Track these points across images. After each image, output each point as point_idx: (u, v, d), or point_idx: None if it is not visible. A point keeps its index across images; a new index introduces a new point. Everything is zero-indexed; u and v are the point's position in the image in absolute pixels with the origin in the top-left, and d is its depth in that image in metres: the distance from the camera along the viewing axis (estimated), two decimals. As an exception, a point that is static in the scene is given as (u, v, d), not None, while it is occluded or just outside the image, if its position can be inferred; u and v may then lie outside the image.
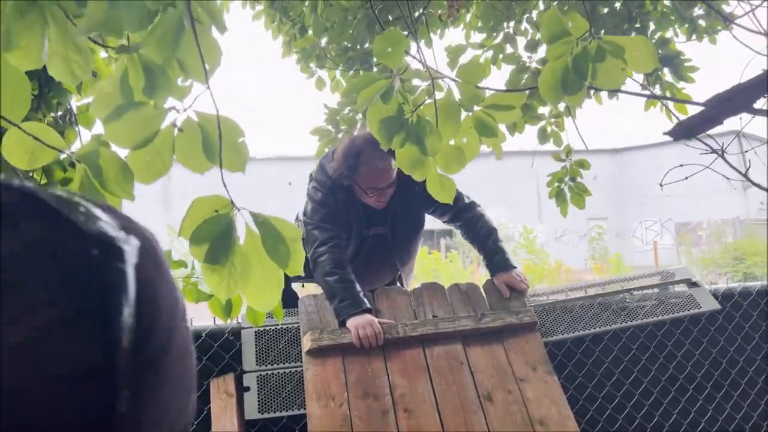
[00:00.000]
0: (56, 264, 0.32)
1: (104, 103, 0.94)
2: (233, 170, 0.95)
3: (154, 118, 0.93)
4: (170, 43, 0.91)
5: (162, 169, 0.95)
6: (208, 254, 0.93)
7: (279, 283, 0.97)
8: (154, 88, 0.93)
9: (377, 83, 1.32)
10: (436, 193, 1.41)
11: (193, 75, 0.94)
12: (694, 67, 3.17)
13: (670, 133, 1.32)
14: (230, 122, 0.94)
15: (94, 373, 0.31)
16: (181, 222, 0.92)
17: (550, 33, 1.14)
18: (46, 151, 0.92)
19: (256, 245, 0.94)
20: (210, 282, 0.94)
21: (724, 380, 3.21)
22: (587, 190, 3.06)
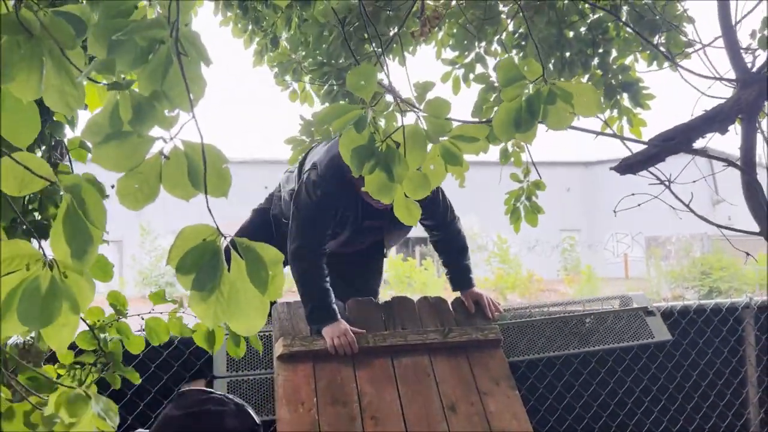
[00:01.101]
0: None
1: (95, 130, 0.99)
2: (217, 196, 0.99)
3: (140, 145, 0.97)
4: (159, 77, 0.96)
5: (149, 195, 0.98)
6: (195, 282, 0.95)
7: (264, 308, 0.99)
8: (141, 121, 0.99)
9: (350, 113, 1.40)
10: (402, 217, 1.50)
11: (179, 105, 1.00)
12: (652, 94, 3.32)
13: (616, 168, 1.43)
14: (214, 150, 0.98)
15: None
16: (169, 251, 0.95)
17: (506, 77, 1.24)
18: (35, 180, 0.96)
19: (242, 272, 0.97)
20: (197, 310, 0.97)
21: (678, 393, 3.35)
22: (541, 209, 3.19)
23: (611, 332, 3.07)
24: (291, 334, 2.65)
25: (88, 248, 0.96)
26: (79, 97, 1.00)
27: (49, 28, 0.95)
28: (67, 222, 0.95)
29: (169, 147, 0.99)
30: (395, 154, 1.40)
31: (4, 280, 0.96)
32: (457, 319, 2.87)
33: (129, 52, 0.96)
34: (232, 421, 1.88)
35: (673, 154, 1.38)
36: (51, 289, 0.96)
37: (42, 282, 0.95)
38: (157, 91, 0.97)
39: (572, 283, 17.90)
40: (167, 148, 0.99)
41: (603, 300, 3.28)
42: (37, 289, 0.95)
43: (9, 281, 0.96)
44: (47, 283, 0.95)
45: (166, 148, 0.99)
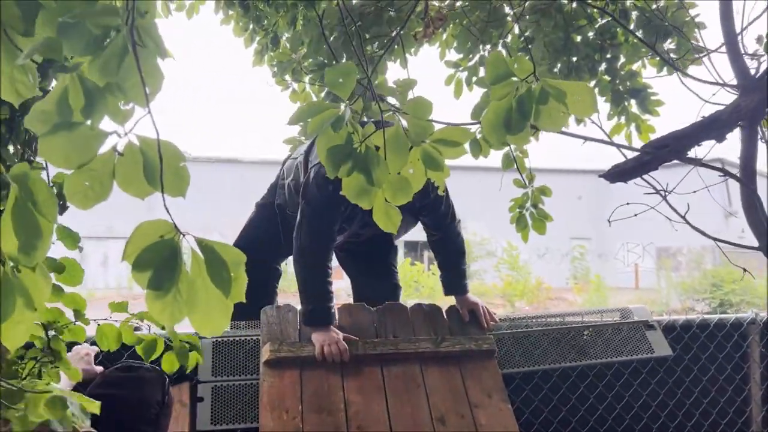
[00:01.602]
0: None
1: (41, 118, 0.93)
2: (174, 195, 0.94)
3: (91, 140, 0.92)
4: (114, 67, 0.91)
5: (101, 193, 0.93)
6: (152, 280, 0.91)
7: (227, 310, 0.95)
8: (92, 110, 0.93)
9: (327, 112, 1.34)
10: (382, 223, 1.43)
11: (134, 99, 0.94)
12: (660, 101, 3.23)
13: (605, 176, 1.36)
14: (171, 146, 0.93)
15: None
16: (125, 247, 0.90)
17: (495, 74, 1.16)
18: None
19: (202, 272, 0.93)
20: (153, 309, 0.92)
21: (678, 410, 3.26)
22: (549, 216, 3.09)
23: (610, 345, 2.99)
24: (279, 339, 2.59)
25: (37, 242, 0.91)
26: (30, 85, 0.95)
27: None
28: (16, 214, 0.90)
29: (123, 142, 0.94)
30: (374, 156, 1.33)
31: None
32: (451, 327, 2.79)
33: (81, 37, 0.91)
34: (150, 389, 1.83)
35: (665, 162, 1.30)
36: (4, 285, 0.92)
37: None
38: (110, 83, 0.92)
39: (581, 291, 17.74)
40: (121, 143, 0.94)
41: (603, 312, 3.20)
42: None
43: None
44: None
45: (119, 144, 0.94)
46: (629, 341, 3.00)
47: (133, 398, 1.81)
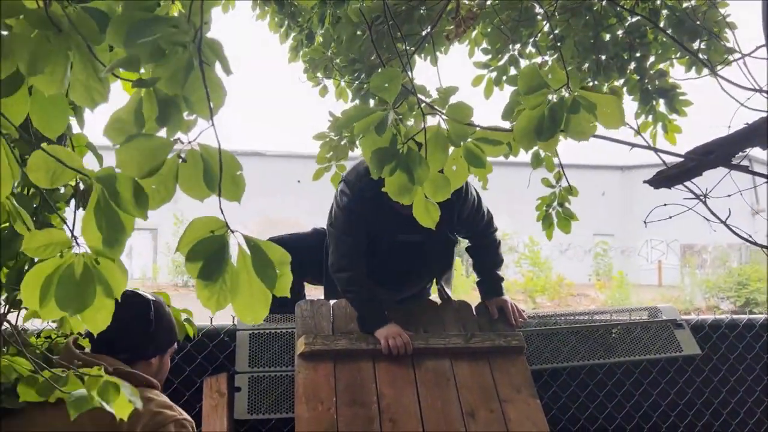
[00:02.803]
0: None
1: (117, 127, 1.01)
2: (230, 200, 1.02)
3: (162, 149, 0.99)
4: (180, 81, 0.97)
5: (166, 196, 1.01)
6: (202, 271, 0.99)
7: (266, 301, 1.04)
8: (166, 120, 1.00)
9: (372, 115, 1.39)
10: (421, 218, 1.48)
11: (198, 112, 1.01)
12: (688, 101, 3.24)
13: (650, 182, 1.39)
14: (229, 156, 1.01)
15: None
16: (179, 239, 0.99)
17: (529, 85, 1.21)
18: (66, 172, 1.00)
19: (247, 265, 1.01)
20: (201, 296, 1.01)
21: (706, 409, 3.27)
22: (574, 216, 3.11)
23: (638, 344, 3.01)
24: (313, 333, 2.65)
25: (120, 237, 1.00)
26: (103, 92, 1.02)
27: (77, 23, 0.97)
28: (99, 212, 0.99)
29: (185, 149, 1.01)
30: (417, 156, 1.39)
31: (40, 267, 1.01)
32: (481, 324, 2.83)
33: (146, 46, 0.97)
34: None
35: (711, 168, 1.33)
36: (85, 275, 1.01)
37: (76, 268, 1.01)
38: (177, 95, 0.98)
39: (603, 288, 17.63)
40: (184, 150, 1.01)
41: (631, 311, 3.22)
42: (72, 275, 1.00)
43: (44, 268, 1.01)
44: (81, 269, 1.01)
45: (182, 151, 1.01)
46: (657, 340, 3.02)
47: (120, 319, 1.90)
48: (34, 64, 0.95)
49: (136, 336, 1.87)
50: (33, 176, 1.00)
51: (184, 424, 1.70)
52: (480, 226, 2.93)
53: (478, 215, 2.90)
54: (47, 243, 1.01)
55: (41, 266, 1.01)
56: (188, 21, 0.96)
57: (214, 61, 0.99)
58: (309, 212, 23.20)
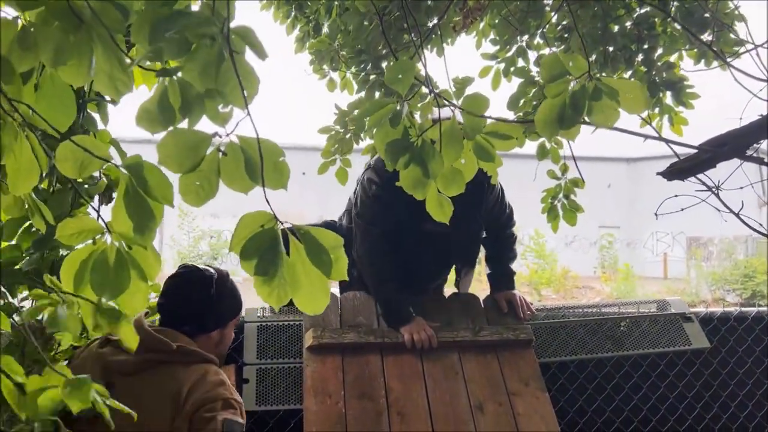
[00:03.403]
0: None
1: (147, 117, 1.02)
2: (275, 188, 1.02)
3: (201, 143, 0.99)
4: (212, 74, 0.97)
5: (210, 191, 1.01)
6: (258, 267, 1.00)
7: (326, 289, 1.05)
8: (189, 110, 1.00)
9: (385, 108, 1.39)
10: (435, 213, 1.48)
11: (233, 102, 1.00)
12: (696, 93, 3.21)
13: (663, 174, 1.38)
14: (269, 143, 1.00)
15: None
16: (231, 238, 1.00)
17: (551, 73, 1.20)
18: (94, 161, 1.01)
19: (301, 256, 1.02)
20: (261, 293, 1.02)
21: (714, 401, 3.26)
22: (580, 208, 3.10)
23: (647, 337, 3.00)
24: (321, 326, 2.65)
25: (149, 224, 1.01)
26: (127, 82, 1.02)
27: (100, 14, 0.97)
28: (128, 200, 1.00)
29: (224, 142, 1.01)
30: (431, 149, 1.38)
31: (76, 254, 1.03)
32: (489, 317, 2.83)
33: (172, 41, 0.97)
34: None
35: (725, 160, 1.32)
36: (118, 261, 1.03)
37: (109, 254, 1.03)
38: (211, 89, 0.98)
39: (609, 281, 17.61)
40: (222, 143, 1.01)
41: (639, 303, 3.20)
42: (106, 260, 1.03)
43: (79, 254, 1.03)
44: (114, 255, 1.03)
45: (221, 144, 1.01)
46: (666, 333, 3.01)
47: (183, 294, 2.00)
48: (58, 55, 0.95)
49: (198, 310, 1.97)
50: (61, 167, 1.01)
51: (231, 403, 1.78)
52: (502, 219, 2.92)
53: (501, 207, 2.89)
54: (79, 230, 1.03)
55: (77, 252, 1.03)
56: (213, 13, 0.95)
57: (243, 50, 0.99)
58: (313, 204, 23.24)
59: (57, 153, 1.00)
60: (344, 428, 2.36)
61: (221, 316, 2.03)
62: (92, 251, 1.02)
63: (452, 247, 2.86)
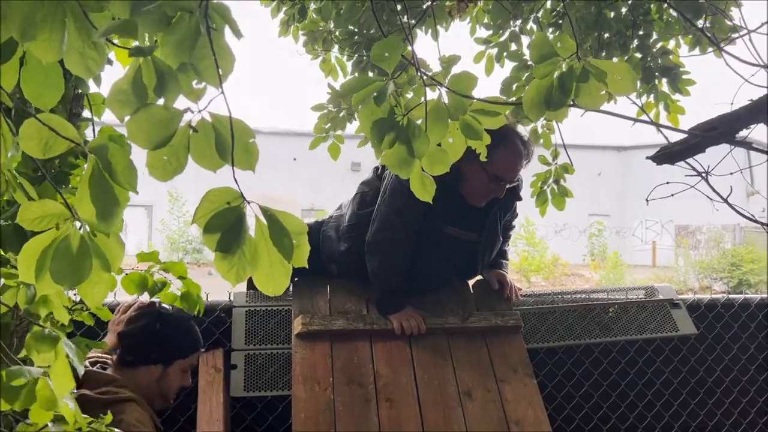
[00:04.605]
0: None
1: (119, 98, 0.99)
2: (244, 168, 1.00)
3: (171, 120, 0.97)
4: (187, 49, 0.94)
5: (177, 167, 0.99)
6: (220, 243, 0.99)
7: (287, 272, 1.03)
8: (164, 89, 0.97)
9: (371, 85, 1.36)
10: (418, 192, 1.46)
11: (207, 79, 0.98)
12: (692, 80, 3.19)
13: (653, 158, 1.36)
14: (241, 124, 0.98)
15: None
16: (195, 211, 0.99)
17: (539, 54, 1.17)
18: (60, 141, 0.97)
19: (265, 236, 1.01)
20: (221, 269, 1.00)
21: (700, 387, 3.28)
22: (569, 192, 3.08)
23: (634, 323, 3.01)
24: (310, 312, 2.63)
25: (113, 210, 0.98)
26: (99, 60, 0.99)
27: (71, -13, 0.93)
28: (93, 184, 0.96)
29: (196, 119, 0.99)
30: (416, 128, 1.35)
31: (37, 240, 0.98)
32: (478, 303, 2.82)
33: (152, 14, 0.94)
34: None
35: (715, 144, 1.30)
36: (81, 248, 0.99)
37: (72, 241, 0.98)
38: (185, 63, 0.96)
39: (598, 268, 17.72)
40: (194, 120, 0.99)
41: (628, 290, 3.21)
42: (68, 248, 0.98)
43: (41, 240, 0.99)
44: (77, 242, 0.98)
45: (193, 121, 0.99)
46: (654, 319, 3.01)
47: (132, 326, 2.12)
48: (27, 29, 0.91)
49: (140, 340, 2.08)
50: (25, 146, 0.97)
51: None
52: (513, 217, 2.92)
53: (516, 210, 2.88)
54: (42, 215, 0.99)
55: (38, 239, 0.99)
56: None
57: (222, 26, 0.96)
58: (305, 190, 23.21)
59: (21, 131, 0.97)
60: (332, 415, 2.34)
61: (164, 351, 2.13)
62: (55, 238, 0.98)
63: (476, 256, 2.76)
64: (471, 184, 2.54)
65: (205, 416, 2.45)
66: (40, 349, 1.13)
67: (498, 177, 2.50)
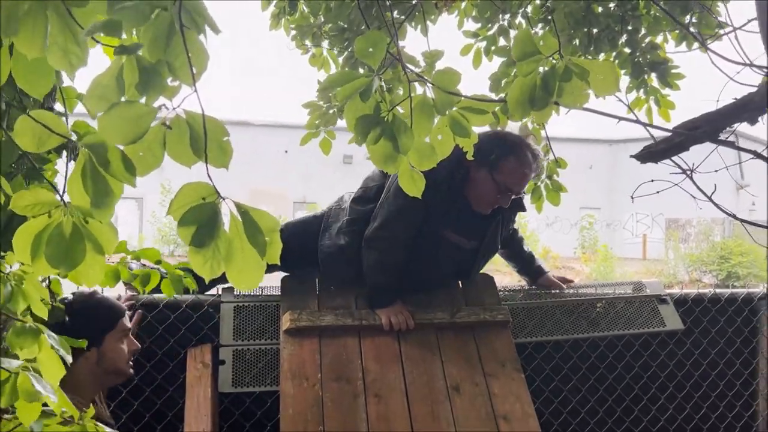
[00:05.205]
0: None
1: (98, 94, 1.01)
2: (217, 166, 1.02)
3: (145, 117, 0.98)
4: (162, 45, 0.96)
5: (153, 162, 1.01)
6: (194, 238, 1.01)
7: (260, 268, 1.05)
8: (147, 87, 0.99)
9: (356, 81, 1.36)
10: (407, 186, 1.46)
11: (181, 78, 1.00)
12: (681, 74, 3.20)
13: (637, 156, 1.37)
14: (215, 122, 1.00)
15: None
16: (170, 204, 1.01)
17: (522, 51, 1.17)
18: (52, 137, 0.99)
19: (239, 232, 1.03)
20: (194, 263, 1.02)
21: (686, 381, 3.30)
22: (563, 187, 3.10)
23: (622, 318, 3.03)
24: (299, 308, 2.63)
25: (107, 201, 1.01)
26: (81, 56, 1.00)
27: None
28: (85, 176, 0.99)
29: (170, 116, 1.01)
30: (401, 123, 1.35)
31: (30, 225, 1.02)
32: (467, 298, 2.82)
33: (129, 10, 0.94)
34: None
35: (698, 143, 1.31)
36: (74, 233, 1.02)
37: (65, 227, 1.02)
38: (160, 60, 0.97)
39: (588, 261, 17.79)
40: (169, 117, 1.01)
41: (616, 285, 3.22)
42: (62, 233, 1.02)
43: (34, 226, 1.02)
44: (70, 228, 1.02)
45: (168, 117, 1.01)
46: (641, 314, 3.03)
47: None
48: (9, 24, 0.92)
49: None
50: (20, 141, 1.00)
51: None
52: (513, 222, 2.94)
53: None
54: (34, 202, 1.02)
55: (30, 224, 1.02)
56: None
57: (202, 24, 0.96)
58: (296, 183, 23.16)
59: (16, 127, 0.99)
60: (321, 411, 2.35)
61: (86, 336, 2.09)
62: (47, 224, 1.01)
63: (474, 263, 2.78)
64: (478, 191, 2.56)
65: (192, 411, 2.45)
66: (23, 344, 1.13)
67: (506, 187, 2.52)
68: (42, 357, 1.10)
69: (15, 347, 1.11)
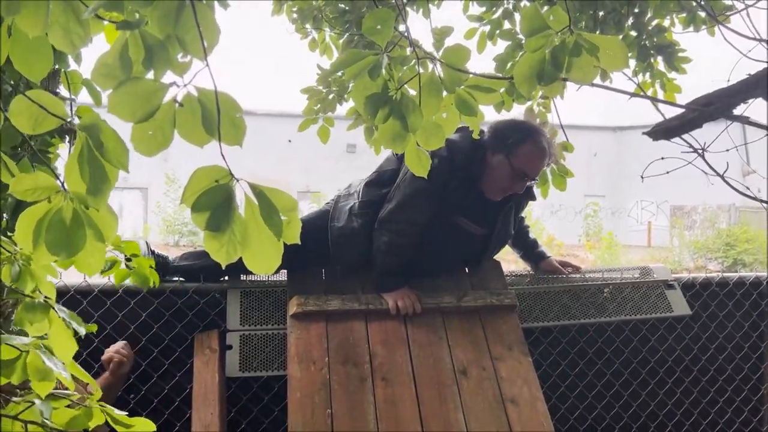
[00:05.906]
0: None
1: (104, 72, 0.98)
2: (231, 144, 0.99)
3: (155, 93, 0.95)
4: (171, 20, 0.93)
5: (163, 141, 0.98)
6: (209, 222, 0.98)
7: (278, 250, 1.02)
8: (152, 62, 0.96)
9: (365, 60, 1.34)
10: (413, 166, 1.44)
11: (192, 52, 0.97)
12: (688, 57, 3.16)
13: (649, 133, 1.35)
14: (228, 98, 0.97)
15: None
16: (183, 190, 0.97)
17: (530, 26, 1.15)
18: (49, 118, 0.97)
19: (255, 214, 1.00)
20: (210, 248, 0.99)
21: (694, 365, 3.29)
22: (569, 172, 3.07)
23: (629, 303, 3.01)
24: (306, 293, 2.62)
25: (103, 186, 0.98)
26: (83, 36, 0.98)
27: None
28: (83, 161, 0.97)
29: (182, 93, 0.97)
30: (410, 102, 1.34)
31: (31, 211, 1.00)
32: (473, 282, 2.81)
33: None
34: None
35: (711, 120, 1.28)
36: (75, 220, 1.00)
37: (65, 213, 1.00)
38: (170, 35, 0.95)
39: (593, 249, 17.73)
40: (180, 94, 0.97)
41: (623, 270, 3.21)
42: (62, 219, 0.99)
43: (35, 212, 1.00)
44: (70, 214, 0.99)
45: (179, 95, 0.98)
46: (648, 299, 3.02)
47: None
48: (11, 3, 0.90)
49: None
50: (16, 121, 0.97)
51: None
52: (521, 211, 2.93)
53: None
54: (34, 187, 1.00)
55: (32, 210, 1.00)
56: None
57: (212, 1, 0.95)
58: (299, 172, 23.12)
59: (11, 107, 0.97)
60: (328, 394, 2.35)
61: None
62: (48, 210, 0.99)
63: (487, 250, 2.77)
64: (493, 175, 2.55)
65: (200, 396, 2.46)
66: (32, 319, 1.13)
67: (522, 171, 2.53)
68: (53, 332, 1.09)
69: (24, 323, 1.10)
